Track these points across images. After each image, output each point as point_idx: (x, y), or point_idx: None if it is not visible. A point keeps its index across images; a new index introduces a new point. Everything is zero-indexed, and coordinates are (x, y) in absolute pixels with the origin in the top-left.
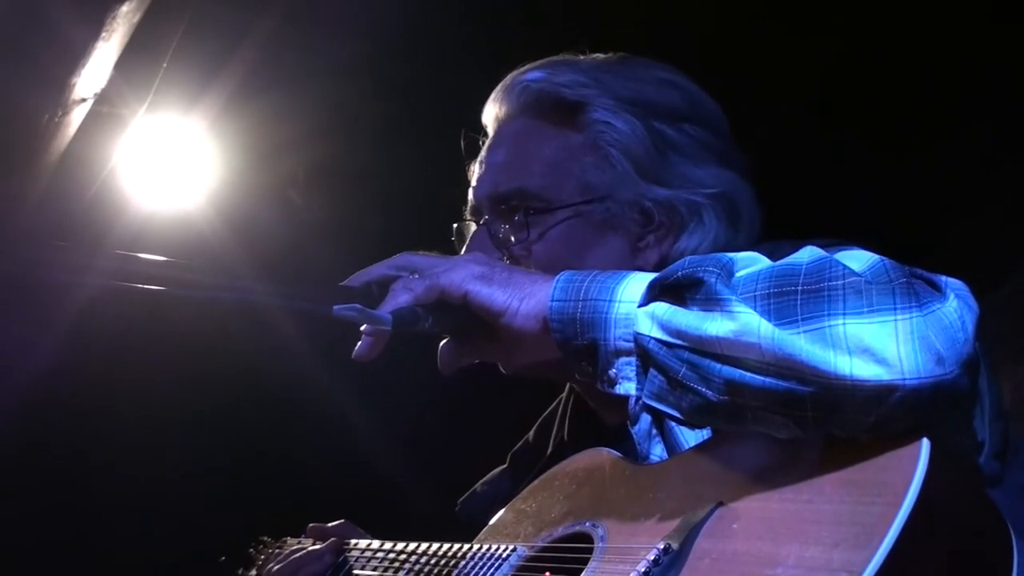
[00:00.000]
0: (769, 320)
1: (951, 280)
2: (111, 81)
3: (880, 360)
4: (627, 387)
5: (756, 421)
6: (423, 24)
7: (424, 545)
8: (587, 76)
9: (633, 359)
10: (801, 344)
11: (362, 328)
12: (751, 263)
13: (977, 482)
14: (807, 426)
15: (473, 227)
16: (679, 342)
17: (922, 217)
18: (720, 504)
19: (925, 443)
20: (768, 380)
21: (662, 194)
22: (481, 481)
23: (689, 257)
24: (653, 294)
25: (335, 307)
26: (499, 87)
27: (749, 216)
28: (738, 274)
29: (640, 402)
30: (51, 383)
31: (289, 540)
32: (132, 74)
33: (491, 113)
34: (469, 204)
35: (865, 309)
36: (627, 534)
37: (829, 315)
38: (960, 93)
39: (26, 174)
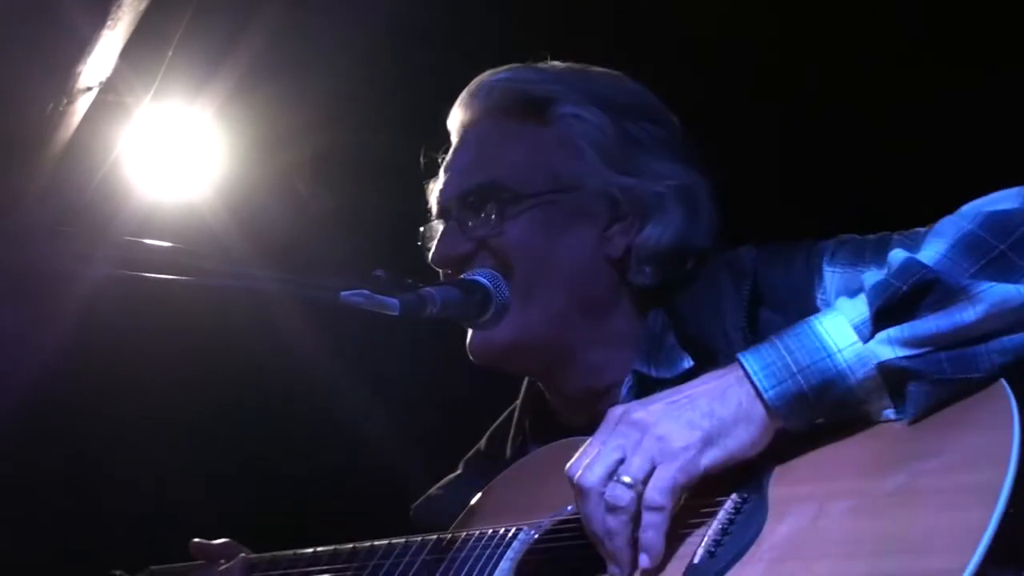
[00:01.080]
0: (1008, 282)
1: None
2: (116, 69)
3: None
4: (887, 414)
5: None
6: (431, 11)
7: (393, 541)
8: (551, 76)
9: (885, 388)
10: None
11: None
12: (915, 251)
13: None
14: None
15: (440, 228)
16: (931, 348)
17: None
18: (779, 457)
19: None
20: None
21: (629, 183)
22: (436, 486)
23: (882, 279)
24: (875, 325)
25: (342, 293)
26: (465, 92)
27: (707, 212)
28: (928, 260)
29: (631, 393)
30: (54, 374)
31: (154, 569)
32: (137, 62)
33: (457, 118)
34: (435, 209)
35: None
36: None
37: None
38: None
39: (30, 163)
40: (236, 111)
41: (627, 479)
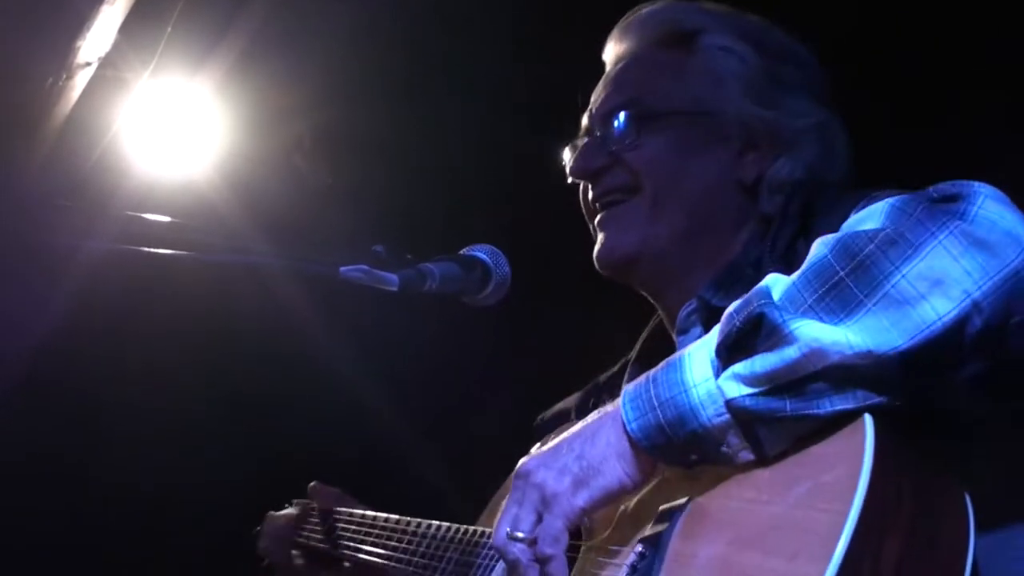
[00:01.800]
0: (833, 321)
1: (972, 182)
2: (115, 45)
3: (951, 284)
4: (745, 455)
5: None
6: None
7: (434, 525)
8: (702, 10)
9: (735, 427)
10: (871, 322)
11: None
12: (778, 281)
13: (929, 451)
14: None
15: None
16: (771, 384)
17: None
18: (690, 500)
19: (869, 435)
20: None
21: (767, 115)
22: (568, 398)
23: (731, 308)
24: (723, 361)
25: (342, 268)
26: (618, 25)
27: (842, 153)
28: (777, 297)
29: (693, 316)
30: (51, 351)
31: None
32: (136, 38)
33: (611, 51)
34: (582, 128)
35: (909, 251)
36: (607, 528)
37: (884, 277)
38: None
39: (29, 139)
40: (235, 86)
41: (519, 535)
